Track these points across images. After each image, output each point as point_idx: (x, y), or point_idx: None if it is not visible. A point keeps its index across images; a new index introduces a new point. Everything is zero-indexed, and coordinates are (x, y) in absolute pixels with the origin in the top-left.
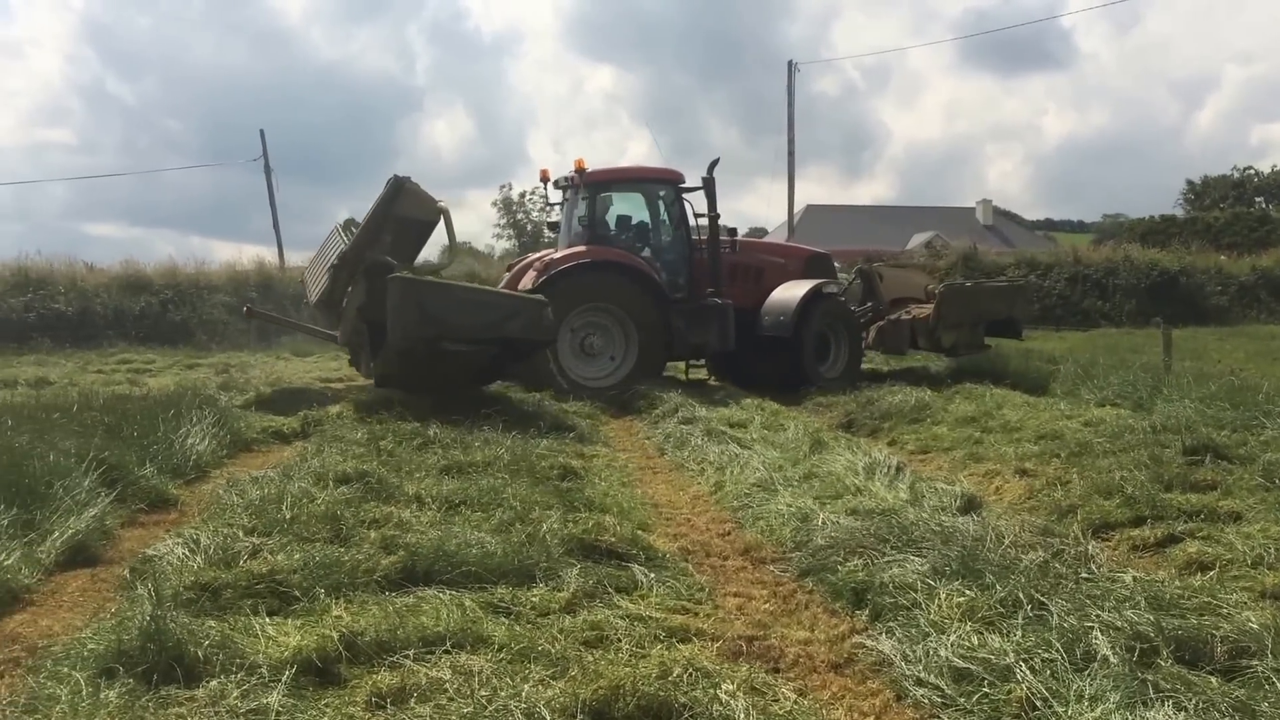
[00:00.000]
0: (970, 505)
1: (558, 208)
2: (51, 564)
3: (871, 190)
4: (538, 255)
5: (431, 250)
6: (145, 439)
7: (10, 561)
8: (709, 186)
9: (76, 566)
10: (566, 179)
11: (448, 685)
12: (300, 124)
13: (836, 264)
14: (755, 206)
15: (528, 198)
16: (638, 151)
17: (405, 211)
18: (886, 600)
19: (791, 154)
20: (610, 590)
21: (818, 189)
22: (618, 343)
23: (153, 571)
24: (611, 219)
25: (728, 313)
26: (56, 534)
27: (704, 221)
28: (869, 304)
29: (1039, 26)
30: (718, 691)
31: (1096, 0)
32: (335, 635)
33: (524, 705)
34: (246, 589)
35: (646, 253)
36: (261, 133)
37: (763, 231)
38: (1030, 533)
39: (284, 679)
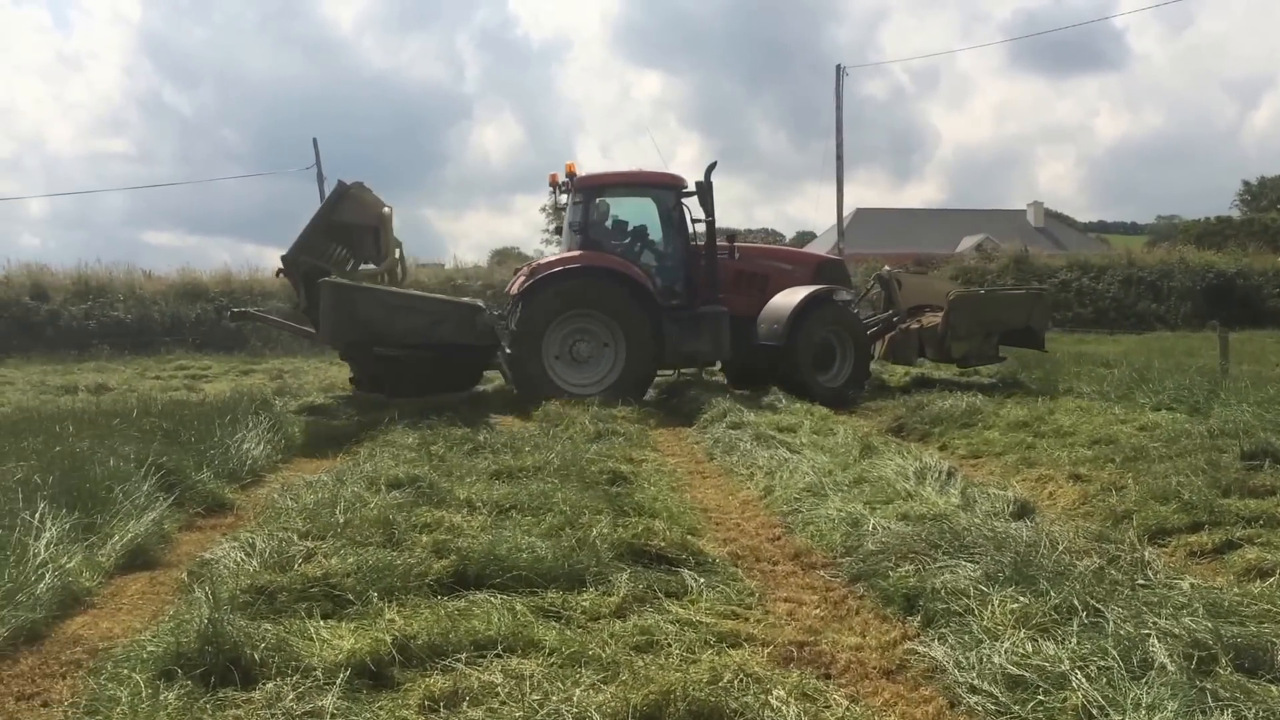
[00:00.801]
0: (1023, 511)
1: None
2: (112, 567)
3: (921, 193)
4: (537, 260)
5: (479, 254)
6: (202, 444)
7: (72, 564)
8: (705, 191)
9: (136, 569)
10: (564, 183)
11: (499, 689)
12: (352, 133)
13: (888, 268)
14: (803, 210)
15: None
16: (686, 155)
17: (348, 216)
18: (939, 606)
19: (840, 157)
20: (660, 595)
21: (867, 192)
22: (607, 349)
23: (210, 575)
24: (607, 224)
25: (721, 320)
26: (116, 537)
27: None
28: (889, 312)
29: (1090, 27)
30: (769, 697)
31: (1148, 1)
32: (388, 639)
33: (575, 710)
34: (301, 592)
35: (650, 258)
36: (314, 141)
37: (811, 235)
38: (1085, 538)
39: (338, 682)
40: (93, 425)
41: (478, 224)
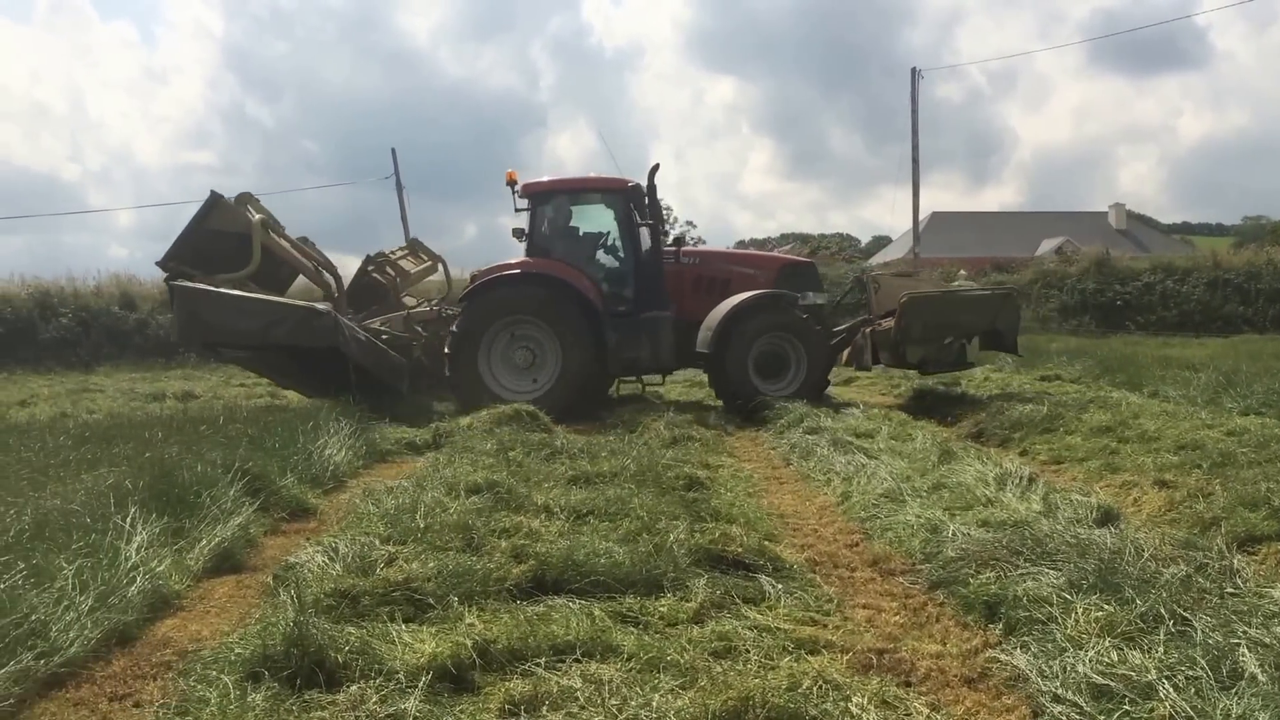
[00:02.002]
0: (1107, 517)
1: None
2: (200, 570)
3: (999, 196)
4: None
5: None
6: (286, 450)
7: (162, 568)
8: (647, 194)
9: (223, 573)
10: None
11: (579, 694)
12: (429, 141)
13: (963, 272)
14: (879, 214)
15: None
16: (759, 161)
17: (218, 225)
18: (1021, 614)
19: (916, 161)
20: (738, 601)
21: (943, 196)
22: (548, 357)
23: (294, 578)
24: (554, 230)
25: (661, 327)
26: (204, 542)
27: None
28: (862, 316)
29: (1172, 26)
30: (848, 704)
31: None
32: (469, 643)
33: (655, 715)
34: (383, 596)
35: (598, 264)
36: (393, 151)
37: (886, 240)
38: (1171, 546)
39: (420, 685)
40: (180, 432)
41: None
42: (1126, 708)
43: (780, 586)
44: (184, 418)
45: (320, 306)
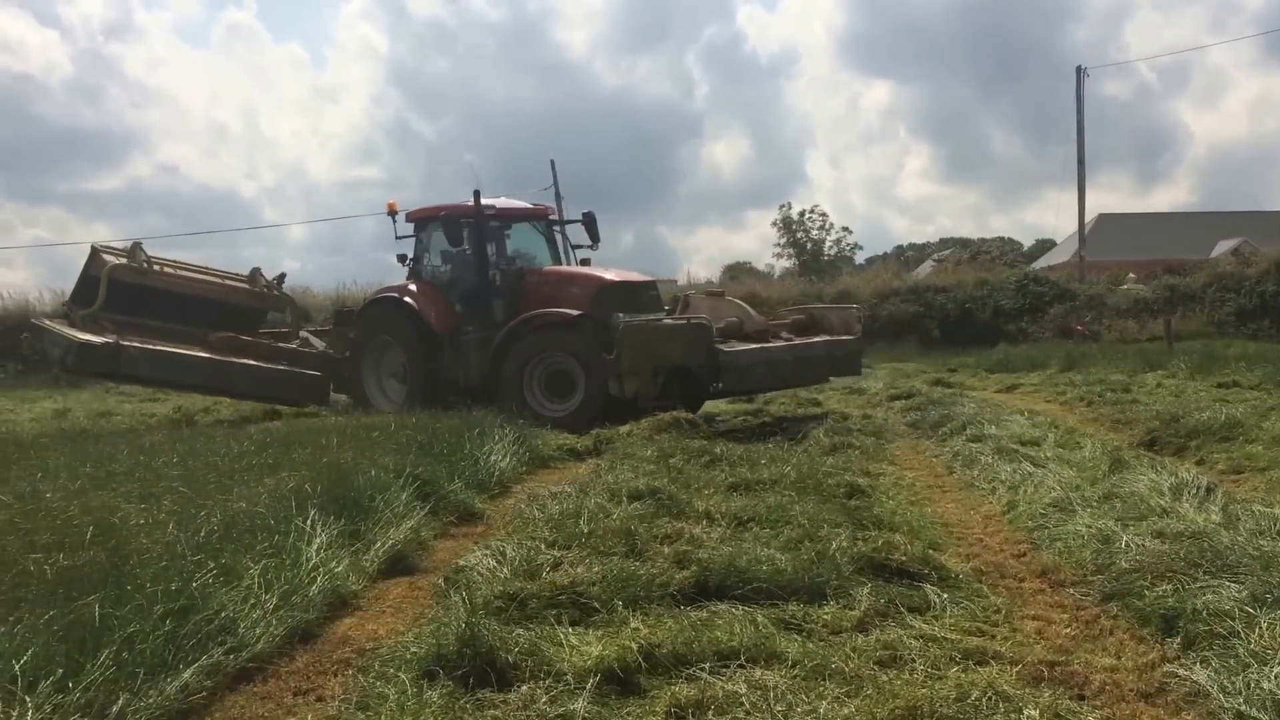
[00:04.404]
0: None
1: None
2: (375, 572)
3: (1170, 196)
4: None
5: (711, 269)
6: (453, 456)
7: (340, 569)
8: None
9: (396, 574)
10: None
11: (744, 699)
12: (587, 152)
13: (1132, 275)
14: (1042, 217)
15: (806, 217)
16: (916, 165)
17: (95, 272)
18: (1200, 628)
19: (1081, 161)
20: (902, 610)
21: (1110, 197)
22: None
23: (465, 581)
24: (430, 254)
25: (471, 347)
26: (379, 544)
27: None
28: None
29: None
30: (1020, 717)
31: None
32: (634, 646)
33: None
34: (550, 599)
35: (458, 286)
36: (552, 163)
37: (1051, 243)
38: None
39: (588, 687)
40: (354, 438)
41: (710, 239)
42: None
43: (946, 596)
44: (357, 424)
45: (98, 339)
